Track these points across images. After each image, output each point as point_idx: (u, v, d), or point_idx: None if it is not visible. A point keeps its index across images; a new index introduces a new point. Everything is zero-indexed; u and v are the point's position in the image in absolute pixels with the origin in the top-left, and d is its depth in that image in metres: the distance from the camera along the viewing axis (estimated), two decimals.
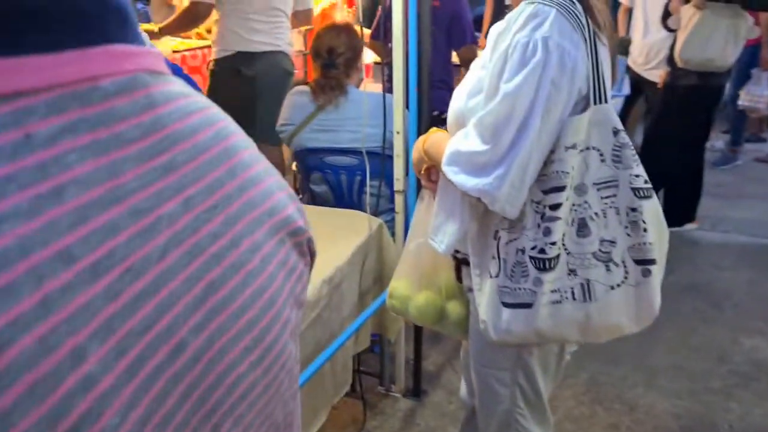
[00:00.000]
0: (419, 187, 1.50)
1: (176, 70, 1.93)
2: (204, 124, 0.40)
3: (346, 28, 2.39)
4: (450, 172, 1.16)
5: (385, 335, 2.15)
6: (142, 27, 2.81)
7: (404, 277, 1.48)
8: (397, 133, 1.98)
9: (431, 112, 2.03)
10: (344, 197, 2.42)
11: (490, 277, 1.19)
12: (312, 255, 0.49)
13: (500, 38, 1.15)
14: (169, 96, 0.37)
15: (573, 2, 1.12)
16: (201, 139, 0.39)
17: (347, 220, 2.05)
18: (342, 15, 4.31)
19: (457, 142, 1.17)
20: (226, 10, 2.90)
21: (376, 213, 2.11)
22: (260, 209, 0.43)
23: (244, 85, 2.93)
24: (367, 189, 2.13)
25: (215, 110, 0.42)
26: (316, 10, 3.54)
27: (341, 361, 1.85)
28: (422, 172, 1.37)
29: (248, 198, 0.42)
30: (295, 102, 2.41)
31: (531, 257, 1.14)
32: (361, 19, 2.53)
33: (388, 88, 2.09)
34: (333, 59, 2.30)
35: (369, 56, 3.63)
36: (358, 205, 2.39)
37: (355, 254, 1.88)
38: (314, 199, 2.53)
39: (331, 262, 1.76)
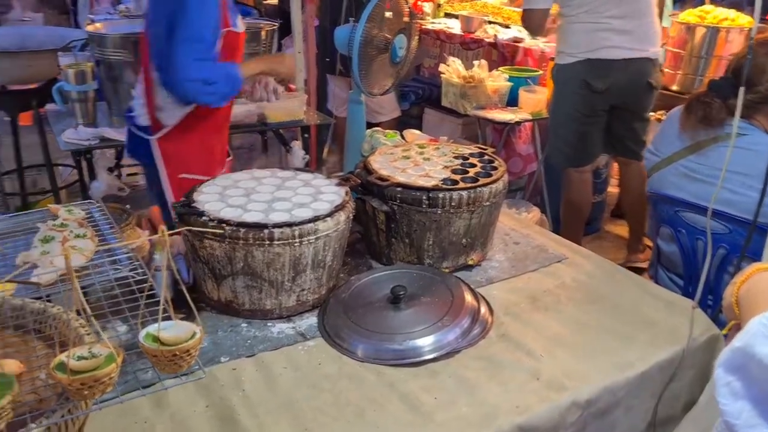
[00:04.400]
0: None
1: None
2: None
3: None
4: (724, 386, 0.58)
5: None
6: None
7: None
8: None
9: None
10: (697, 270, 1.75)
11: None
12: None
13: None
14: None
15: None
16: None
17: (669, 311, 1.44)
18: None
19: (761, 328, 0.57)
20: None
21: (716, 317, 1.44)
22: None
23: None
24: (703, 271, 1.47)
25: None
26: None
27: None
28: (728, 329, 0.76)
29: None
30: (667, 129, 1.80)
31: None
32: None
33: None
34: (736, 84, 1.61)
35: None
36: (715, 288, 1.71)
37: (653, 372, 1.29)
38: (659, 258, 1.91)
39: (601, 376, 1.23)
